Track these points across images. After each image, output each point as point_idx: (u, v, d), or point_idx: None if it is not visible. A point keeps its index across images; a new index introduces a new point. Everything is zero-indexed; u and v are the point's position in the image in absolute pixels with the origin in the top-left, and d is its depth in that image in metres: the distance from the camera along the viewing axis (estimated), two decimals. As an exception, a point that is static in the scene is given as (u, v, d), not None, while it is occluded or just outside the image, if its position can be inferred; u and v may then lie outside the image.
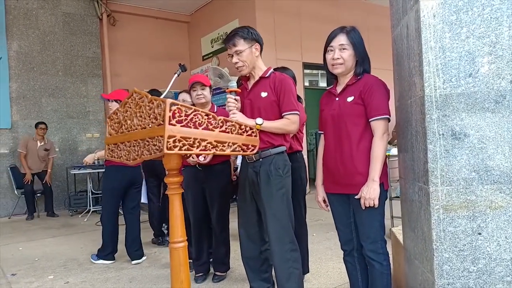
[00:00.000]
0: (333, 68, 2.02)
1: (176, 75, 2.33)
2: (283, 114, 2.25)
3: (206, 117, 1.71)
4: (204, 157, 2.78)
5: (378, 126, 1.87)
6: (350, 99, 1.95)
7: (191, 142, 1.65)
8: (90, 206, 6.37)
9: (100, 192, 6.94)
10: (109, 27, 7.74)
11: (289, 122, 2.24)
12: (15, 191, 6.60)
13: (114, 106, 3.57)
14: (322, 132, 2.15)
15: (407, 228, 2.12)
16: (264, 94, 2.28)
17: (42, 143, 6.58)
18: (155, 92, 4.32)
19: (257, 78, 2.34)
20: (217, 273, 3.12)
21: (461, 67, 1.67)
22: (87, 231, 5.41)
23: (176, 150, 1.60)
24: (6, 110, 6.84)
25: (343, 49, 1.97)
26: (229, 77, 7.36)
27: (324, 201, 2.15)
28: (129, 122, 1.82)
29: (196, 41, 8.71)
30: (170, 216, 1.90)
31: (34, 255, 4.21)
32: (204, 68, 8.54)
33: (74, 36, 7.42)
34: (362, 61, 1.98)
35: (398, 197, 4.03)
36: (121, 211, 3.92)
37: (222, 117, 1.78)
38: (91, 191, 6.45)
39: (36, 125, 6.56)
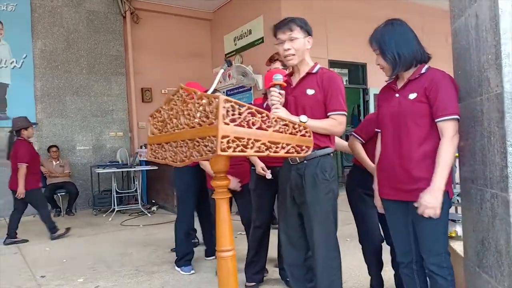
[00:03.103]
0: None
1: (222, 70, 2.19)
2: (329, 114, 2.09)
3: (259, 115, 1.57)
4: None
5: (446, 127, 1.69)
6: (412, 96, 1.77)
7: (245, 143, 1.51)
8: (114, 205, 6.31)
9: (125, 191, 6.94)
10: (133, 25, 7.68)
11: (336, 123, 2.07)
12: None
13: None
14: (379, 130, 1.99)
15: (471, 238, 1.93)
16: (310, 92, 2.12)
17: (58, 162, 6.78)
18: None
19: (303, 73, 2.18)
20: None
21: (548, 60, 1.49)
22: (112, 231, 5.35)
23: (230, 151, 1.46)
24: (31, 108, 6.84)
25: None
26: (253, 75, 7.24)
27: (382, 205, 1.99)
28: (174, 120, 1.68)
29: (218, 38, 8.60)
30: (217, 222, 1.75)
31: (61, 256, 4.15)
32: (226, 66, 8.42)
33: (98, 34, 7.38)
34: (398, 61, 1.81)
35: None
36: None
37: (275, 115, 1.63)
38: (116, 190, 6.39)
39: (48, 149, 6.77)
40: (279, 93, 2.06)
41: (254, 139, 1.54)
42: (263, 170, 2.74)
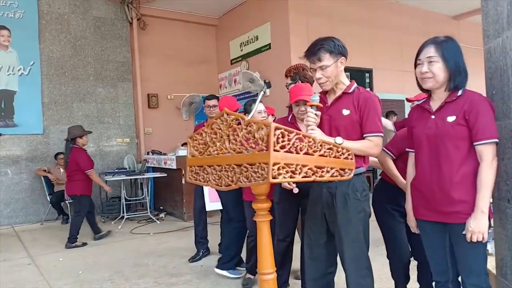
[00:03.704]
0: (422, 82, 1.86)
1: (262, 92, 2.20)
2: (365, 135, 2.08)
3: (306, 140, 1.58)
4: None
5: (486, 151, 1.71)
6: (451, 119, 1.78)
7: (294, 169, 1.52)
8: (124, 212, 6.29)
9: (134, 198, 6.93)
10: (139, 31, 7.68)
11: (372, 145, 2.06)
12: (47, 197, 6.57)
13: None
14: (413, 150, 2.00)
15: (507, 257, 1.94)
16: (346, 112, 2.11)
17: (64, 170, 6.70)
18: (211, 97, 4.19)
19: (338, 93, 2.17)
20: None
21: None
22: (124, 239, 5.33)
23: (280, 178, 1.47)
24: (38, 115, 6.82)
25: (431, 62, 1.81)
26: (260, 81, 7.24)
27: (416, 226, 2.00)
28: (218, 144, 1.69)
29: (224, 44, 8.61)
30: (259, 244, 1.78)
31: (76, 266, 4.14)
32: (232, 72, 8.44)
33: (104, 40, 7.38)
34: (454, 75, 1.80)
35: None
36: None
37: (320, 140, 1.64)
38: (125, 197, 6.37)
39: (56, 156, 6.72)
40: (316, 114, 2.05)
41: (302, 164, 1.55)
42: (289, 184, 2.74)
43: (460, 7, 8.49)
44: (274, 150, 1.45)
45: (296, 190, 2.72)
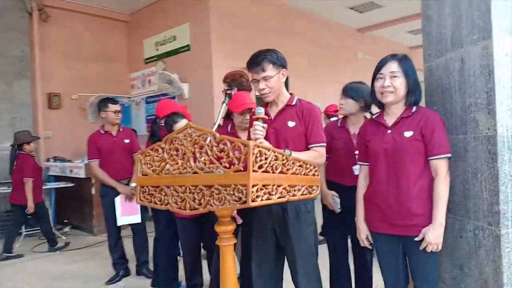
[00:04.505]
0: (382, 96, 1.90)
1: (224, 104, 2.04)
2: (310, 146, 2.09)
3: (280, 157, 1.48)
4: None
5: (441, 165, 1.79)
6: (408, 134, 1.84)
7: (270, 190, 1.42)
8: (21, 229, 5.50)
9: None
10: (40, 23, 6.83)
11: (317, 155, 2.08)
12: None
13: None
14: (366, 164, 2.03)
15: (445, 263, 2.07)
16: (291, 124, 2.10)
17: None
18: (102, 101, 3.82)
19: (281, 105, 2.15)
20: None
21: (531, 108, 1.66)
22: (26, 260, 4.65)
23: (258, 201, 1.35)
24: None
25: (394, 76, 1.86)
26: (179, 83, 6.97)
27: (367, 238, 2.03)
28: (180, 162, 1.51)
29: (136, 42, 8.11)
30: (222, 270, 1.64)
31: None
32: (146, 72, 8.00)
33: (-3, 31, 6.42)
34: (413, 90, 1.88)
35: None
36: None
37: (293, 157, 1.56)
38: (24, 211, 5.58)
39: None
40: (263, 126, 1.99)
41: (278, 184, 1.46)
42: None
43: (364, 21, 9.15)
44: (253, 171, 1.33)
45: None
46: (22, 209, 4.80)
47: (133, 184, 3.65)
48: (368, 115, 2.59)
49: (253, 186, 1.32)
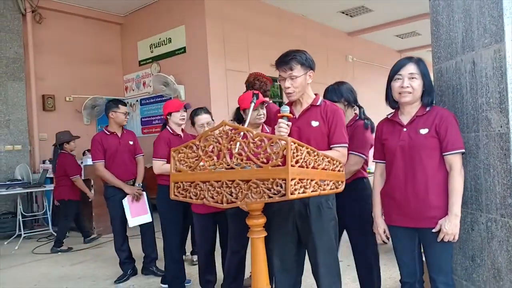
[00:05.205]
0: (400, 96, 1.99)
1: (252, 104, 2.10)
2: (333, 146, 2.15)
3: (312, 154, 1.56)
4: None
5: (456, 160, 1.89)
6: (424, 131, 1.93)
7: (305, 184, 1.49)
8: (20, 230, 5.47)
9: (32, 214, 6.09)
10: (34, 24, 6.79)
11: (340, 155, 2.13)
12: None
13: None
14: (383, 161, 2.12)
15: (457, 255, 2.18)
16: (315, 124, 2.16)
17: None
18: (113, 102, 3.84)
19: (305, 105, 2.21)
20: None
21: (539, 107, 1.78)
22: (27, 262, 4.62)
23: (296, 194, 1.43)
24: None
25: (413, 78, 1.96)
26: (175, 85, 7.00)
27: (384, 232, 2.12)
28: (215, 159, 1.57)
29: (130, 44, 8.11)
30: (253, 261, 1.71)
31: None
32: (140, 74, 8.00)
33: (-10, 33, 6.36)
34: (429, 91, 1.98)
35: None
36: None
37: (322, 153, 1.64)
38: (21, 213, 5.54)
39: None
40: (287, 124, 2.05)
41: (311, 178, 1.53)
42: None
43: (356, 25, 9.32)
44: (291, 165, 1.40)
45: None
46: (67, 204, 5.16)
47: (139, 184, 3.68)
48: (357, 110, 2.67)
49: (292, 179, 1.39)
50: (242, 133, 1.53)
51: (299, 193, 1.44)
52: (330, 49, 9.33)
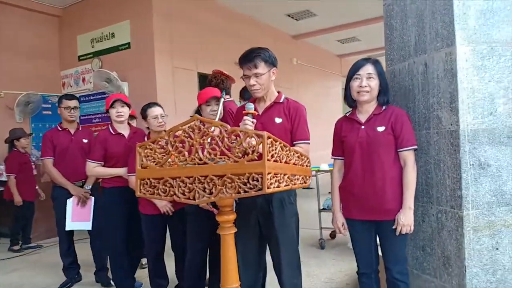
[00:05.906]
0: (358, 95, 2.08)
1: (223, 99, 2.06)
2: (295, 143, 2.19)
3: (285, 148, 1.58)
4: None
5: (409, 156, 2.01)
6: (380, 129, 2.03)
7: (279, 178, 1.50)
8: None
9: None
10: (-41, 12, 6.18)
11: (302, 151, 2.19)
12: None
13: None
14: (341, 158, 2.19)
15: (408, 246, 2.31)
16: (278, 120, 2.19)
17: None
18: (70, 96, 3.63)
19: (269, 102, 2.24)
20: None
21: (485, 106, 1.94)
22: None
23: (272, 188, 1.43)
24: None
25: (370, 78, 2.05)
26: (119, 81, 6.71)
27: (343, 225, 2.19)
28: (186, 154, 1.53)
29: (69, 38, 7.65)
30: (222, 258, 1.69)
31: None
32: (80, 69, 7.58)
33: None
34: (385, 91, 2.09)
35: (324, 209, 4.34)
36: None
37: (293, 148, 1.66)
38: None
39: None
40: (252, 121, 2.06)
41: (284, 173, 1.55)
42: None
43: (301, 28, 9.57)
44: (267, 160, 1.41)
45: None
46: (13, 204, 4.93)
47: (87, 186, 3.47)
48: None
49: (268, 174, 1.40)
50: (213, 128, 1.51)
51: (274, 187, 1.44)
52: (277, 51, 9.35)
